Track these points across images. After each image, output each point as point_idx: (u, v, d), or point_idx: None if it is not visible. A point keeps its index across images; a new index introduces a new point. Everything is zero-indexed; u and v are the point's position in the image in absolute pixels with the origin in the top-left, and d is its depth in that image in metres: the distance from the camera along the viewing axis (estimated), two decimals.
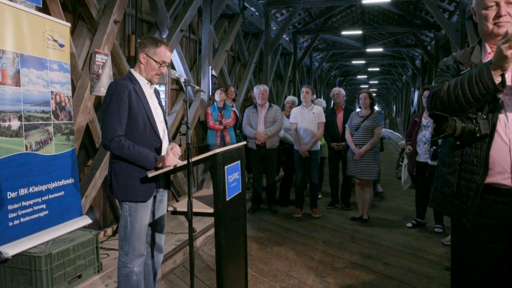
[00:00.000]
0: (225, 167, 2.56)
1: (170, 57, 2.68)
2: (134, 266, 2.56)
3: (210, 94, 6.82)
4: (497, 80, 1.69)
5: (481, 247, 1.89)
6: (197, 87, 2.73)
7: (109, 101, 2.48)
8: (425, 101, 5.08)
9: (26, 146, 2.91)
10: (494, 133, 1.80)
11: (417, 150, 5.14)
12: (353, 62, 20.63)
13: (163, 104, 2.92)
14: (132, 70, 2.65)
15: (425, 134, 5.04)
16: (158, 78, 2.66)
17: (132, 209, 2.54)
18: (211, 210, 2.53)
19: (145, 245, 2.64)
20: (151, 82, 2.65)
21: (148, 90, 2.65)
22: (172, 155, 2.56)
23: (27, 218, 2.90)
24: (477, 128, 1.80)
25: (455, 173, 1.91)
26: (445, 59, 2.11)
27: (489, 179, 1.81)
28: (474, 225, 1.86)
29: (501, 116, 1.80)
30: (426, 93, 5.09)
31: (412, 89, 19.10)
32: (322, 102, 7.46)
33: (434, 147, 4.61)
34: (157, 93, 2.81)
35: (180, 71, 6.34)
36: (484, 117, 1.82)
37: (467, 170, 1.87)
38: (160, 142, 2.63)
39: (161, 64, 2.59)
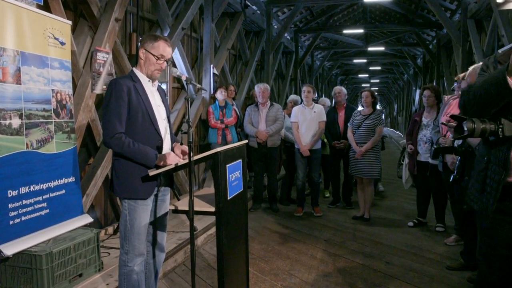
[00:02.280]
0: (227, 165, 2.56)
1: (170, 53, 2.64)
2: (134, 265, 2.56)
3: (212, 92, 6.81)
4: None
5: (501, 242, 1.99)
6: (198, 86, 2.72)
7: (109, 99, 2.49)
8: (424, 100, 5.09)
9: (27, 145, 2.91)
10: None
11: (417, 150, 5.12)
12: (355, 60, 20.59)
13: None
14: (134, 69, 2.66)
15: (425, 133, 5.02)
16: (158, 74, 2.63)
17: (132, 207, 2.54)
18: (212, 209, 2.53)
19: (145, 244, 2.63)
20: (151, 78, 2.64)
21: (149, 88, 2.64)
22: (173, 154, 2.56)
23: (28, 217, 2.89)
24: (500, 129, 1.86)
25: (484, 171, 2.01)
26: (487, 58, 2.16)
27: (510, 179, 1.90)
28: (495, 220, 1.97)
29: None
30: (426, 92, 5.07)
31: (414, 88, 19.06)
32: (327, 101, 7.46)
33: (434, 146, 4.59)
34: (161, 91, 2.80)
35: (182, 70, 6.33)
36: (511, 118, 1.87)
37: (492, 169, 1.96)
38: (160, 139, 2.62)
39: (159, 58, 2.57)
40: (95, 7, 4.29)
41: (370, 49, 16.56)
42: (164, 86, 5.59)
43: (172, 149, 2.71)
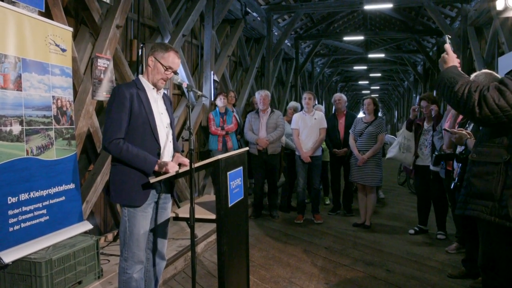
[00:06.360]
0: (228, 173, 2.55)
1: (178, 65, 2.66)
2: (133, 273, 2.55)
3: (212, 99, 6.81)
4: None
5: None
6: (199, 92, 2.72)
7: (111, 106, 2.52)
8: (424, 111, 5.10)
9: (27, 151, 2.90)
10: None
11: (418, 153, 5.12)
12: (355, 67, 20.63)
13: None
14: (140, 76, 2.69)
15: (427, 138, 5.04)
16: (163, 84, 2.66)
17: (131, 214, 2.54)
18: (213, 216, 2.52)
19: (144, 252, 2.62)
20: (156, 86, 2.65)
21: (153, 96, 2.65)
22: (172, 163, 2.56)
23: (28, 224, 2.88)
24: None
25: None
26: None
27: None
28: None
29: None
30: (423, 103, 5.08)
31: (414, 95, 19.09)
32: (322, 108, 7.44)
33: (436, 152, 4.58)
34: (166, 99, 2.81)
35: (182, 76, 6.33)
36: None
37: None
38: (159, 147, 2.62)
39: (167, 69, 2.60)
40: (96, 14, 4.31)
41: (370, 56, 16.59)
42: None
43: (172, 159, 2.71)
